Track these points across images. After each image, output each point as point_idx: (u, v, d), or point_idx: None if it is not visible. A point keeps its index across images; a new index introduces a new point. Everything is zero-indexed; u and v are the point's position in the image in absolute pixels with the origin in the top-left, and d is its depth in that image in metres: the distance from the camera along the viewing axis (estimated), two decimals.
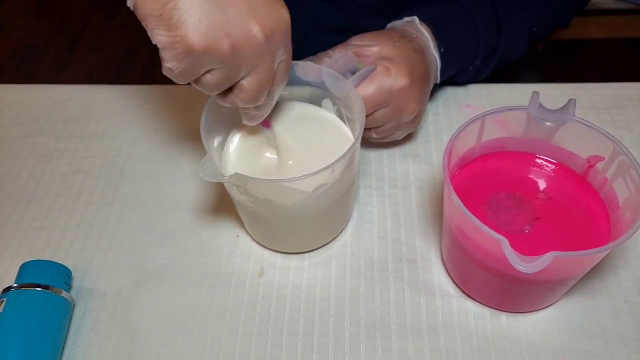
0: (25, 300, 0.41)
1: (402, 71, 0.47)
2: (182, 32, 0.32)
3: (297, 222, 0.45)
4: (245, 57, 0.35)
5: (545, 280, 0.38)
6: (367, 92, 0.46)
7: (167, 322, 0.45)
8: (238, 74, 0.36)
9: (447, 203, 0.41)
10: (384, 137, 0.52)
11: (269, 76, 0.38)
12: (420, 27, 0.51)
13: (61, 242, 0.50)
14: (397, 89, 0.47)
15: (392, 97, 0.47)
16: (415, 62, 0.48)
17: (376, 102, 0.47)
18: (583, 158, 0.43)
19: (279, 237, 0.47)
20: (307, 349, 0.43)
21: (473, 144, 0.44)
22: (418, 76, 0.48)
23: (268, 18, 0.35)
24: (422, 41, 0.50)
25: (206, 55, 0.33)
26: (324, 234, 0.48)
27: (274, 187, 0.40)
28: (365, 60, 0.48)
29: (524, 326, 0.43)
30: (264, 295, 0.46)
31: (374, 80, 0.46)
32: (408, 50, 0.48)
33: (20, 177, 0.55)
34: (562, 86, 0.60)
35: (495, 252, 0.36)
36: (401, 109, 0.48)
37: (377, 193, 0.52)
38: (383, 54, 0.47)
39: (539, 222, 0.41)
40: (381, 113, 0.48)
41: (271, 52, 0.36)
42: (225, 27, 0.33)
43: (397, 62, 0.47)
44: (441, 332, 0.43)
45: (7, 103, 0.63)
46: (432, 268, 0.47)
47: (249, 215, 0.46)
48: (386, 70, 0.46)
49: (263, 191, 0.41)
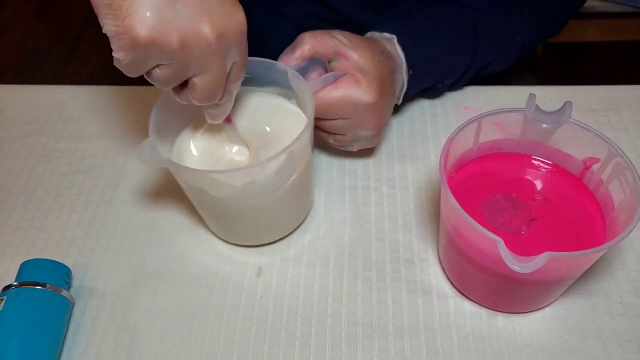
0: (25, 298, 0.42)
1: (372, 87, 0.45)
2: (129, 22, 0.32)
3: (237, 215, 0.45)
4: (194, 55, 0.35)
5: (540, 281, 0.39)
6: (331, 98, 0.45)
7: (165, 321, 0.45)
8: (188, 71, 0.36)
9: (444, 204, 0.41)
10: (341, 146, 0.51)
11: (222, 76, 0.38)
12: (397, 47, 0.50)
13: (61, 241, 0.50)
14: (362, 104, 0.46)
15: (356, 110, 0.46)
16: (387, 82, 0.47)
17: (338, 110, 0.46)
18: (579, 160, 0.43)
19: (227, 228, 0.48)
20: (305, 348, 0.43)
21: (470, 145, 0.44)
22: (386, 96, 0.47)
23: (221, 19, 0.35)
24: (396, 62, 0.49)
25: (153, 49, 0.33)
26: (274, 229, 0.48)
27: (204, 178, 0.41)
28: (341, 62, 0.46)
29: (520, 327, 0.43)
30: (262, 295, 0.46)
31: (341, 88, 0.45)
32: (384, 68, 0.47)
33: (21, 177, 0.56)
34: (559, 88, 0.61)
35: (491, 253, 0.37)
36: (362, 123, 0.47)
37: (375, 194, 0.52)
38: (360, 64, 0.46)
39: (535, 223, 0.41)
40: (341, 122, 0.47)
41: (222, 53, 0.36)
42: (175, 23, 0.33)
43: (370, 77, 0.46)
44: (438, 332, 0.43)
45: (8, 103, 0.63)
46: (429, 269, 0.47)
47: (197, 206, 0.47)
48: (356, 82, 0.45)
49: (196, 181, 0.42)
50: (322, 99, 0.45)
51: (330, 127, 0.48)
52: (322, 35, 0.46)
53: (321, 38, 0.46)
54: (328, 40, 0.46)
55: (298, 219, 0.50)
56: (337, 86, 0.45)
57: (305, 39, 0.45)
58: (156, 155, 0.39)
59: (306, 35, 0.46)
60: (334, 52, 0.46)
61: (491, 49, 0.54)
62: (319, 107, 0.45)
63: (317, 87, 0.45)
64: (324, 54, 0.46)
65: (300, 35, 0.46)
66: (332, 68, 0.47)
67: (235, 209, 0.44)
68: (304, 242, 0.49)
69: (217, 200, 0.43)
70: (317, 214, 0.51)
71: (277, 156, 0.39)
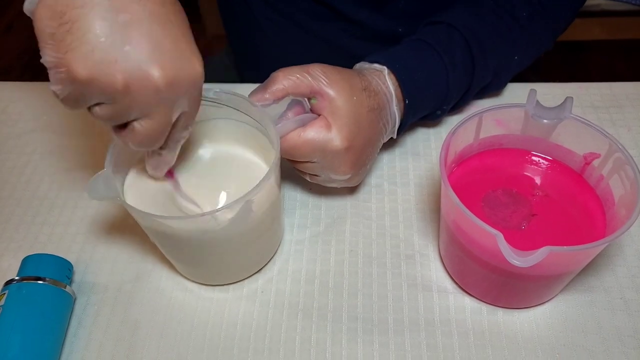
0: (26, 292, 0.42)
1: (343, 133, 0.43)
2: (69, 57, 0.31)
3: (197, 257, 0.43)
4: (138, 99, 0.33)
5: (540, 276, 0.39)
6: (298, 141, 0.43)
7: (166, 316, 0.45)
8: (129, 114, 0.34)
9: (444, 199, 0.41)
10: (320, 183, 0.49)
11: (166, 125, 0.35)
12: (387, 79, 0.47)
13: (63, 236, 0.51)
14: (330, 150, 0.43)
15: (324, 155, 0.44)
16: (364, 124, 0.45)
17: (305, 154, 0.44)
18: (580, 155, 0.43)
19: (188, 268, 0.46)
20: (305, 343, 0.43)
21: (471, 141, 0.44)
22: (361, 140, 0.45)
23: (174, 65, 0.33)
24: (384, 98, 0.47)
25: (92, 88, 0.32)
26: (236, 271, 0.46)
27: (150, 220, 0.39)
28: (318, 101, 0.44)
29: (520, 322, 0.43)
30: (263, 291, 0.46)
31: (309, 132, 0.43)
32: (362, 108, 0.44)
33: (24, 173, 0.56)
34: (562, 85, 0.61)
35: (491, 247, 0.37)
36: (332, 168, 0.45)
37: (376, 190, 0.53)
38: (336, 103, 0.43)
39: (535, 218, 0.41)
40: (311, 165, 0.46)
41: (170, 101, 0.34)
42: (120, 64, 0.31)
43: (343, 122, 0.43)
44: (438, 328, 0.43)
45: (13, 100, 0.63)
46: (430, 264, 0.47)
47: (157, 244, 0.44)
48: (327, 126, 0.43)
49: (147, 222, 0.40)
50: (290, 141, 0.43)
51: (303, 168, 0.47)
52: (296, 74, 0.43)
53: (295, 77, 0.43)
54: (303, 80, 0.43)
55: (262, 259, 0.47)
56: (306, 129, 0.43)
57: (278, 78, 0.43)
58: (111, 190, 0.38)
59: (279, 74, 0.43)
60: (309, 91, 0.43)
61: (487, 69, 0.53)
62: (286, 149, 0.44)
63: (289, 127, 0.43)
64: (298, 94, 0.44)
65: (274, 73, 0.44)
66: (312, 106, 0.45)
67: (191, 251, 0.42)
68: (304, 238, 0.50)
69: (172, 240, 0.41)
70: (318, 211, 0.51)
71: (231, 206, 0.37)
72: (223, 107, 0.46)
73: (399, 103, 0.48)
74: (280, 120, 0.44)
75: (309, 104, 0.45)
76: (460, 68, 0.50)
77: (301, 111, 0.45)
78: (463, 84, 0.52)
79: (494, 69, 0.54)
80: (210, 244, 0.40)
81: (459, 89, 0.52)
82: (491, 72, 0.54)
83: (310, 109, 0.45)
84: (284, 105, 0.45)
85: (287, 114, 0.45)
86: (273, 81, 0.43)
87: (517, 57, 0.55)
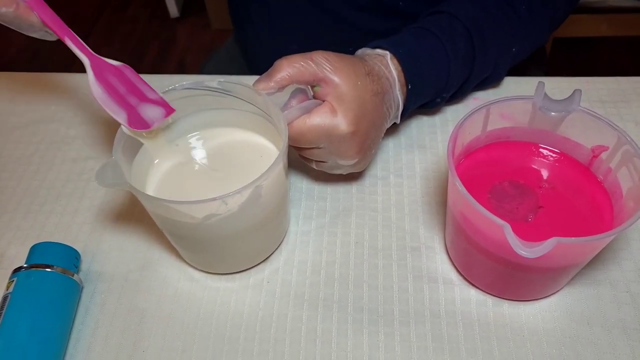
0: (34, 280, 0.42)
1: (348, 118, 0.43)
2: None
3: (204, 244, 0.43)
4: None
5: (547, 268, 0.39)
6: (304, 127, 0.43)
7: (173, 305, 0.45)
8: None
9: (451, 190, 0.41)
10: (326, 171, 0.50)
11: None
12: (390, 64, 0.47)
13: (71, 225, 0.51)
14: (337, 134, 0.43)
15: (330, 140, 0.44)
16: (369, 108, 0.45)
17: (312, 140, 0.44)
18: (587, 148, 0.43)
19: (194, 255, 0.46)
20: (311, 333, 0.43)
21: (478, 133, 0.44)
22: (366, 124, 0.45)
23: None
24: (387, 82, 0.47)
25: None
26: (243, 259, 0.47)
27: (160, 205, 0.39)
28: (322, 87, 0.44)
29: (525, 314, 0.43)
30: (269, 281, 0.46)
31: (315, 118, 0.43)
32: (366, 92, 0.44)
33: (32, 162, 0.56)
34: (569, 79, 0.60)
35: (498, 238, 0.37)
36: (339, 153, 0.45)
37: (382, 182, 0.53)
38: (340, 89, 0.43)
39: (542, 210, 0.41)
40: (318, 151, 0.46)
41: None
42: None
43: (348, 106, 0.43)
44: (443, 319, 0.43)
45: (20, 91, 0.64)
46: (436, 256, 0.47)
47: (164, 231, 0.45)
48: (332, 111, 0.43)
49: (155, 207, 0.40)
50: (296, 128, 0.43)
51: (309, 154, 0.47)
52: (300, 61, 0.43)
53: (299, 65, 0.43)
54: (307, 67, 0.43)
55: (268, 248, 0.47)
56: (312, 116, 0.43)
57: (282, 66, 0.43)
58: (118, 177, 0.38)
59: (284, 61, 0.43)
60: (313, 79, 0.44)
61: (487, 60, 0.53)
62: (292, 136, 0.44)
63: (294, 115, 0.43)
64: (302, 81, 0.44)
65: (278, 61, 0.44)
66: (315, 93, 0.45)
67: (197, 238, 0.42)
68: (309, 229, 0.50)
69: (181, 230, 0.41)
70: (323, 202, 0.51)
71: (241, 191, 0.37)
72: (227, 96, 0.46)
73: (402, 88, 0.49)
74: (285, 109, 0.44)
75: (311, 91, 0.46)
76: (461, 56, 0.51)
77: (304, 99, 0.45)
78: (464, 73, 0.52)
79: (493, 60, 0.54)
80: (218, 229, 0.40)
81: (459, 77, 0.52)
82: (491, 63, 0.54)
83: (313, 96, 0.46)
84: (287, 93, 0.45)
85: (291, 102, 0.45)
86: (277, 69, 0.44)
87: (515, 48, 0.55)
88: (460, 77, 0.53)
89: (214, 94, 0.46)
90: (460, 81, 0.53)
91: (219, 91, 0.45)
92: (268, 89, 0.43)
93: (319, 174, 0.53)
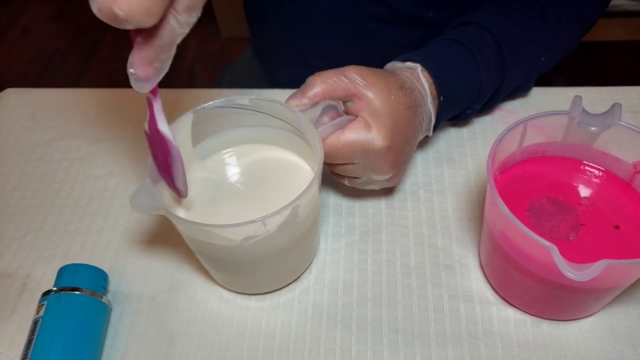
0: (65, 303, 0.41)
1: (382, 133, 0.43)
2: None
3: (238, 266, 0.42)
4: None
5: (592, 289, 0.37)
6: (339, 144, 0.43)
7: (203, 326, 0.44)
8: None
9: (491, 208, 0.40)
10: (358, 187, 0.49)
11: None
12: (421, 76, 0.47)
13: (96, 245, 0.50)
14: (372, 150, 0.43)
15: (365, 156, 0.44)
16: (402, 122, 0.44)
17: (346, 156, 0.43)
18: (629, 163, 0.42)
19: (227, 276, 0.46)
20: (346, 355, 0.42)
21: (514, 149, 0.43)
22: (400, 138, 0.44)
23: None
24: (419, 95, 0.46)
25: None
26: (276, 279, 0.46)
27: (197, 229, 0.38)
28: (355, 103, 0.44)
29: (566, 334, 0.42)
30: (300, 301, 0.45)
31: (350, 134, 0.43)
32: (400, 106, 0.44)
33: (55, 180, 0.56)
34: (598, 89, 0.59)
35: (542, 259, 0.36)
36: (374, 169, 0.45)
37: (412, 197, 0.52)
38: (374, 104, 0.43)
39: (583, 229, 0.40)
40: (352, 167, 0.45)
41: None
42: None
43: (382, 121, 0.43)
44: (481, 340, 0.42)
45: (41, 107, 0.63)
46: (471, 275, 0.46)
47: (196, 252, 0.44)
48: (366, 126, 0.43)
49: (192, 232, 0.39)
50: (330, 144, 0.43)
51: (343, 170, 0.46)
52: (333, 77, 0.43)
53: (332, 80, 0.43)
54: (339, 82, 0.43)
55: (300, 267, 0.47)
56: (345, 132, 0.43)
57: (315, 82, 0.43)
58: (153, 201, 0.37)
59: (317, 78, 0.43)
60: (346, 94, 0.43)
61: (517, 70, 0.53)
62: (326, 152, 0.43)
63: (327, 132, 0.43)
64: (335, 97, 0.43)
65: (311, 77, 0.43)
66: (347, 109, 0.44)
67: (232, 260, 0.41)
68: (339, 247, 0.49)
69: (213, 248, 0.40)
70: (352, 218, 0.51)
71: (280, 212, 0.36)
72: (259, 114, 0.45)
73: (434, 100, 0.48)
74: (317, 125, 0.43)
75: (343, 107, 0.45)
76: (491, 67, 0.50)
77: (336, 115, 0.45)
78: (494, 83, 0.52)
79: (523, 70, 0.53)
80: (254, 251, 0.40)
81: (490, 88, 0.52)
82: (521, 73, 0.54)
83: (345, 111, 0.45)
84: (318, 110, 0.45)
85: (323, 119, 0.45)
86: (310, 86, 0.43)
87: (544, 57, 0.55)
88: (491, 88, 0.52)
89: (245, 111, 0.45)
90: (490, 92, 0.53)
91: (250, 109, 0.44)
92: (301, 105, 0.43)
93: (346, 189, 0.52)
